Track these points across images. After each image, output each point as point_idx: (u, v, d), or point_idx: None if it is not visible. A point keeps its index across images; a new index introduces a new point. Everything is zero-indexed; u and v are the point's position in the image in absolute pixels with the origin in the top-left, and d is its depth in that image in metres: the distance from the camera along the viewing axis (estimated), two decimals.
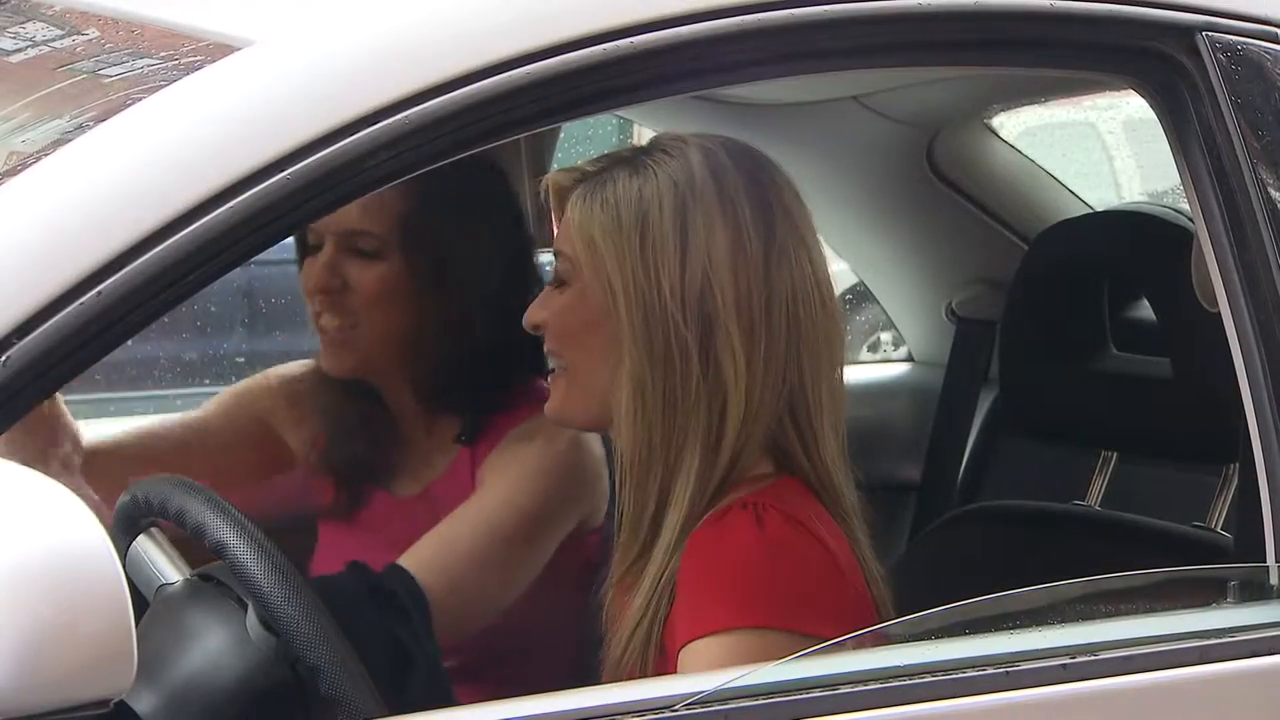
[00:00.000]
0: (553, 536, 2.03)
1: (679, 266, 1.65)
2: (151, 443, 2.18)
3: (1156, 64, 1.69)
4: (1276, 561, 1.63)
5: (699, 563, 1.63)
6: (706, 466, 1.65)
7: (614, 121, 6.69)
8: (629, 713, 1.37)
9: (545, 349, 1.76)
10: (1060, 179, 2.89)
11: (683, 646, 1.62)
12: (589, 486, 2.06)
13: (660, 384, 1.65)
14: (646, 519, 1.67)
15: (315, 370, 2.17)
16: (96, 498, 1.90)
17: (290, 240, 1.54)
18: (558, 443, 2.03)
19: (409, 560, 1.92)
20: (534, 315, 1.75)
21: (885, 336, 4.33)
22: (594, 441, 2.07)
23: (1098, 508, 2.21)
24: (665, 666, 1.64)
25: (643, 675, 1.64)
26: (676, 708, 1.38)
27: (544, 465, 2.01)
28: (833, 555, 1.66)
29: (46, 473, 1.29)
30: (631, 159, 1.70)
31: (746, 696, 1.41)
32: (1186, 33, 1.68)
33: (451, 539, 1.97)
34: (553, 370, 1.75)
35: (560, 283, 1.73)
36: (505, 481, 2.01)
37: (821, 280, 1.70)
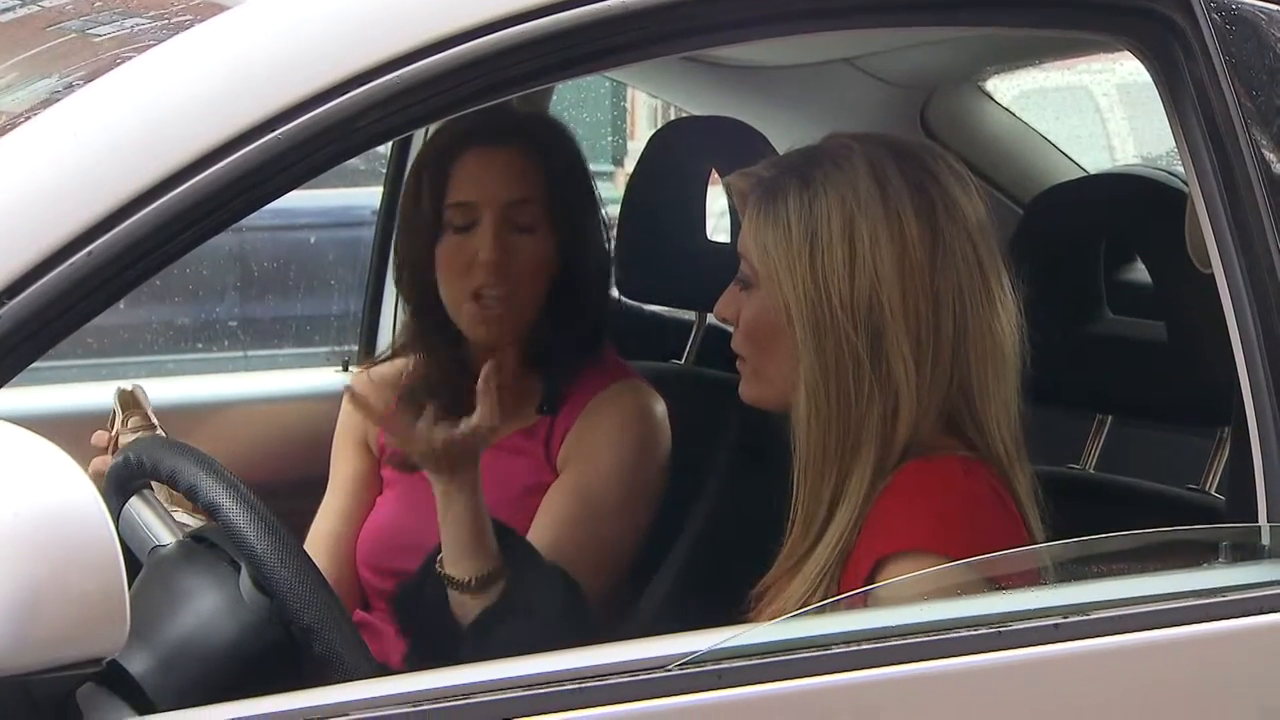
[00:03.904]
0: (647, 500, 2.16)
1: (848, 279, 1.71)
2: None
3: (1150, 24, 1.68)
4: (1268, 522, 1.64)
5: (908, 488, 1.70)
6: (880, 464, 1.72)
7: (607, 84, 6.67)
8: (623, 672, 1.38)
9: (732, 344, 1.83)
10: (1054, 142, 2.89)
11: (882, 559, 1.67)
12: (663, 442, 2.19)
13: (834, 390, 1.72)
14: (819, 517, 1.74)
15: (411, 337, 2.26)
16: None
17: (280, 204, 1.53)
18: (631, 411, 2.17)
19: None
20: (723, 310, 1.82)
21: None
22: (658, 402, 2.20)
23: (1092, 471, 2.21)
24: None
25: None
26: (670, 667, 1.39)
27: (624, 437, 2.15)
28: (1018, 525, 1.72)
29: None
30: (801, 167, 1.75)
31: (739, 656, 1.41)
32: None
33: (556, 524, 2.09)
34: (741, 358, 1.81)
35: (745, 284, 1.79)
36: (592, 461, 2.14)
37: (988, 271, 1.75)
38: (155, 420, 2.14)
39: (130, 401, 2.14)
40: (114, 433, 2.13)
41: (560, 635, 1.94)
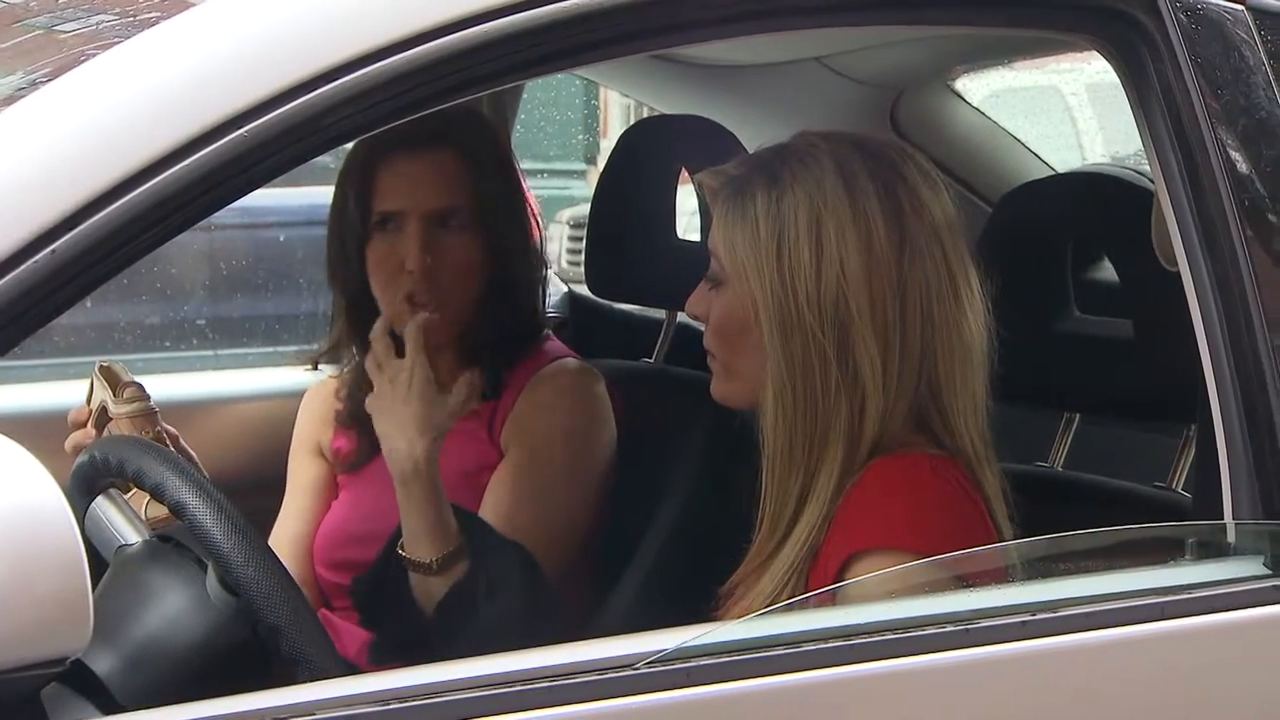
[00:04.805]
0: (594, 474, 2.17)
1: (814, 278, 1.71)
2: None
3: (1117, 23, 1.69)
4: (1234, 520, 1.64)
5: (877, 485, 1.70)
6: (847, 462, 1.72)
7: (579, 82, 6.66)
8: (591, 671, 1.37)
9: (703, 342, 1.83)
10: (1024, 141, 2.89)
11: (851, 556, 1.67)
12: (604, 415, 2.22)
13: (801, 389, 1.72)
14: (787, 515, 1.74)
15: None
16: None
17: (249, 202, 1.53)
18: (567, 386, 2.19)
19: None
20: (693, 308, 1.82)
21: None
22: (597, 379, 2.22)
23: (1060, 469, 2.21)
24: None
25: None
26: (638, 666, 1.38)
27: (562, 412, 2.17)
28: (986, 522, 1.72)
29: None
30: (770, 165, 1.75)
31: (708, 655, 1.41)
32: None
33: (504, 502, 2.10)
34: (712, 355, 1.82)
35: (714, 281, 1.79)
36: (533, 437, 2.16)
37: (955, 269, 1.75)
38: (147, 392, 2.12)
39: (114, 377, 2.12)
40: (94, 407, 2.11)
41: (522, 611, 1.96)
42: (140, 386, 2.10)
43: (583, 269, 2.59)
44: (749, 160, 1.81)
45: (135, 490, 1.78)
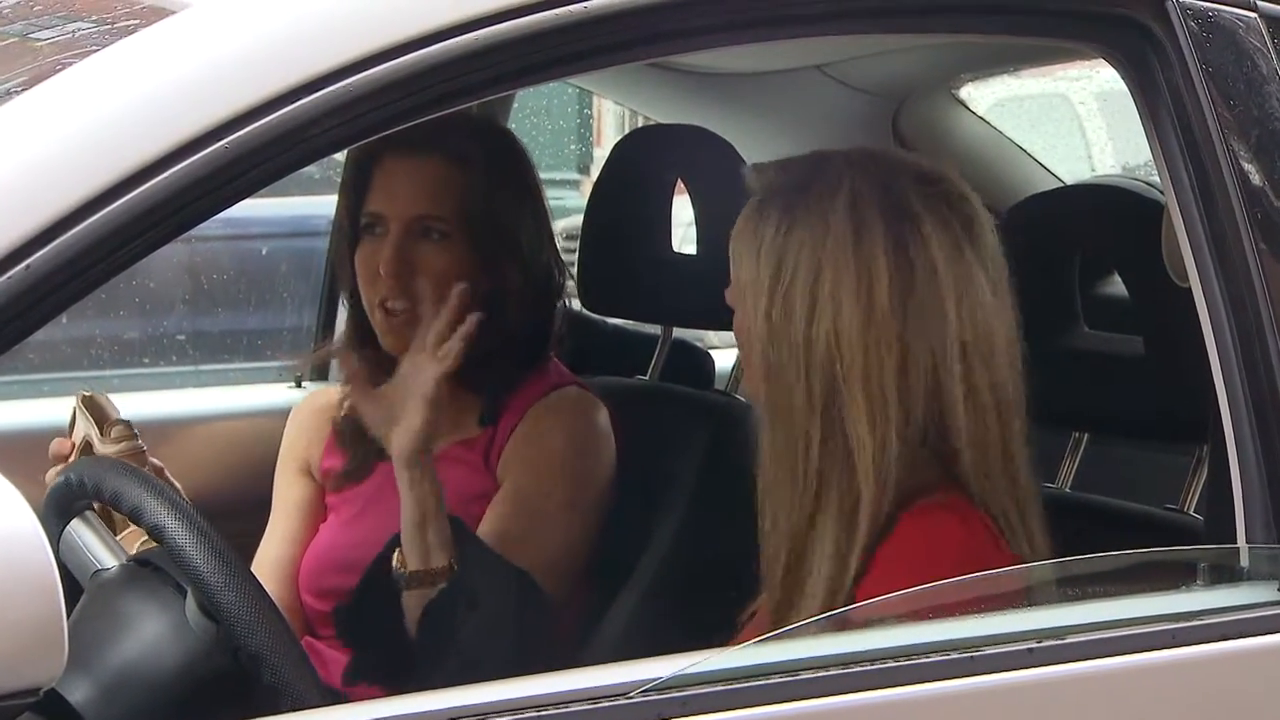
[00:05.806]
0: (592, 503, 2.13)
1: (803, 328, 1.63)
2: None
3: (1126, 31, 1.66)
4: (1247, 544, 1.61)
5: (905, 556, 1.62)
6: (850, 512, 1.63)
7: (572, 90, 6.65)
8: (585, 699, 1.35)
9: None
10: (1030, 151, 2.87)
11: None
12: (604, 445, 2.17)
13: (782, 430, 1.65)
14: (782, 560, 1.66)
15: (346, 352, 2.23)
16: None
17: (232, 213, 1.50)
18: (569, 415, 2.15)
19: None
20: (729, 298, 1.73)
21: None
22: (599, 406, 2.18)
23: (1068, 490, 2.18)
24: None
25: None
26: (633, 694, 1.35)
27: (563, 442, 2.13)
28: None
29: None
30: (793, 190, 1.66)
31: (705, 683, 1.38)
32: None
33: (499, 530, 2.06)
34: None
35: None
36: (531, 466, 2.11)
37: (965, 340, 1.65)
38: (135, 430, 2.07)
39: (99, 411, 2.06)
40: (77, 441, 2.06)
41: (517, 631, 1.93)
42: (128, 424, 2.05)
43: (575, 282, 2.55)
44: (786, 169, 1.71)
45: (131, 528, 1.75)
